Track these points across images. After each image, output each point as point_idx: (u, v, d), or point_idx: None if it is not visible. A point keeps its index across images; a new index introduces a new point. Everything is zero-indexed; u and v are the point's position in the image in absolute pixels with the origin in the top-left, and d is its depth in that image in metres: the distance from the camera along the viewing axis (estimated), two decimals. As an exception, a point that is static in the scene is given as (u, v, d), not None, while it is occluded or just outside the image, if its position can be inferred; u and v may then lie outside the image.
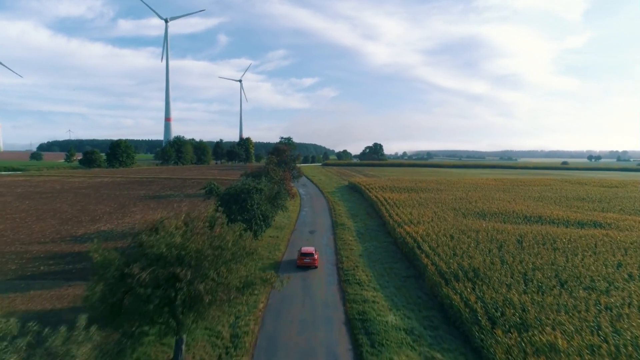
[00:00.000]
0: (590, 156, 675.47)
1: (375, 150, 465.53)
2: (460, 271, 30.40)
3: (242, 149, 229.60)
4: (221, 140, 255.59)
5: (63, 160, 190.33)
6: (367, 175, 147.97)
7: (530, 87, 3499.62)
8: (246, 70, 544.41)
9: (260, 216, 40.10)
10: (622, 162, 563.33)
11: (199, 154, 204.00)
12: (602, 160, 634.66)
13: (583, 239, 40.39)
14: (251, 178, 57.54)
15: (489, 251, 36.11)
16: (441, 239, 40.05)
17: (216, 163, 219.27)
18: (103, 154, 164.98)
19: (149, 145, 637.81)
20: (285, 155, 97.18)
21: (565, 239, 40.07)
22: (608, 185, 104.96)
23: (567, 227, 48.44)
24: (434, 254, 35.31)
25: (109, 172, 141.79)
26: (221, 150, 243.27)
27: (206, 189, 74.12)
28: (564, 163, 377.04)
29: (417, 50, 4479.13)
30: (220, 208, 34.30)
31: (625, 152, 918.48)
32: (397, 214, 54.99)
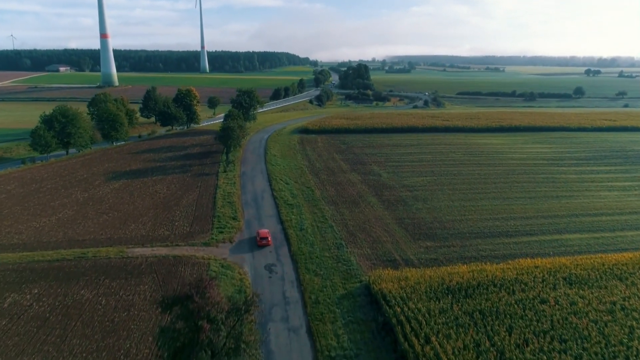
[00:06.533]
0: (589, 70, 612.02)
1: (359, 74, 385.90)
2: None
3: (180, 109, 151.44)
4: (154, 88, 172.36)
5: None
6: (383, 199, 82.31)
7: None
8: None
9: None
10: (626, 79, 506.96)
11: (107, 129, 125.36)
12: (603, 73, 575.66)
13: None
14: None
15: None
16: None
17: (139, 137, 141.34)
18: None
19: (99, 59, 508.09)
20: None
21: None
22: None
23: None
24: None
25: None
26: (153, 105, 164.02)
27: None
28: (578, 91, 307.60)
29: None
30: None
31: (614, 60, 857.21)
32: None
